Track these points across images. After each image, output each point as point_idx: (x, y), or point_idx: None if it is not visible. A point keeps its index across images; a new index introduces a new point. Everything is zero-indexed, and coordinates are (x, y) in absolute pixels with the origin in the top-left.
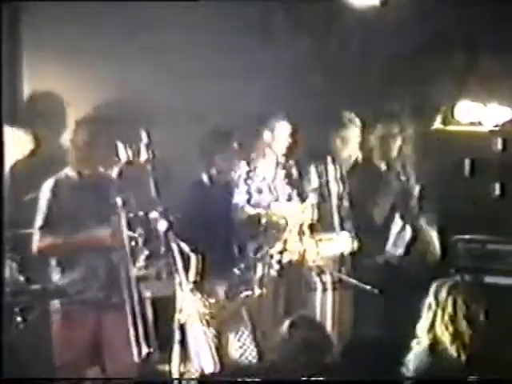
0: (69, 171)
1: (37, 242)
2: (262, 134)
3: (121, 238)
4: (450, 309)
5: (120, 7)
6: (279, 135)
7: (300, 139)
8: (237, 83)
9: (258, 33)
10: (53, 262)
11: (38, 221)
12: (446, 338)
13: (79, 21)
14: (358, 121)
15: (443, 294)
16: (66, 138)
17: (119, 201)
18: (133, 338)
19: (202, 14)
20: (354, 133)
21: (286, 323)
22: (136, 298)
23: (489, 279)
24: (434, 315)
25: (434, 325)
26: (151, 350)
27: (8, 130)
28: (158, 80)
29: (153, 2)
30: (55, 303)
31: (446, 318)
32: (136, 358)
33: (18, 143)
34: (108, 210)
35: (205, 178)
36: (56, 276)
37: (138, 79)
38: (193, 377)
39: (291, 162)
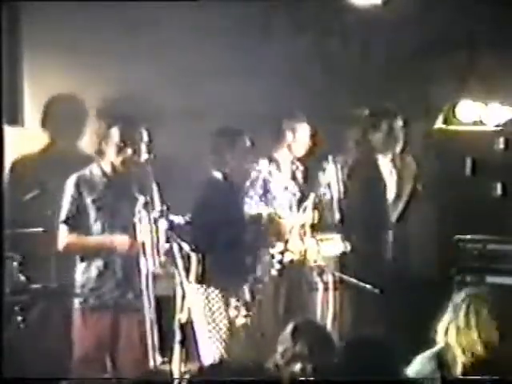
0: (93, 168)
1: (63, 238)
2: (276, 135)
3: (137, 246)
4: (462, 318)
5: (121, 6)
6: (299, 137)
7: (319, 141)
8: (238, 82)
9: (259, 32)
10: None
11: (62, 216)
12: (457, 346)
13: (80, 20)
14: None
15: (460, 301)
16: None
17: (141, 199)
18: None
19: (202, 14)
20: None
21: (289, 327)
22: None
23: (491, 279)
24: (450, 321)
25: (447, 330)
26: (165, 359)
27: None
28: (159, 79)
29: (153, 2)
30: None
31: (461, 325)
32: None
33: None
34: (129, 208)
35: (212, 177)
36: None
37: (139, 79)
38: (193, 373)
39: (297, 162)
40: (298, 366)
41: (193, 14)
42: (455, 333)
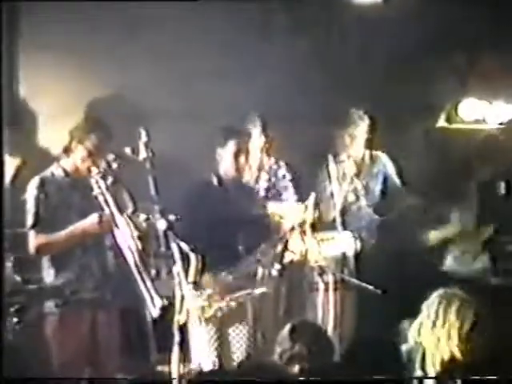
0: (54, 169)
1: (33, 241)
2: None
3: (108, 222)
4: (432, 316)
5: (120, 6)
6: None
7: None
8: (236, 83)
9: (259, 32)
10: (46, 263)
11: (29, 220)
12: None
13: (78, 21)
14: (366, 118)
15: (432, 301)
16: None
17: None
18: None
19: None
20: (361, 131)
21: (287, 328)
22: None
23: None
24: (422, 320)
25: (419, 329)
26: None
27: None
28: (157, 80)
29: (153, 3)
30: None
31: (429, 324)
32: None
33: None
34: (94, 205)
35: (211, 177)
36: (50, 277)
37: (138, 79)
38: (192, 376)
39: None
40: (296, 367)
41: (192, 14)
42: (425, 331)
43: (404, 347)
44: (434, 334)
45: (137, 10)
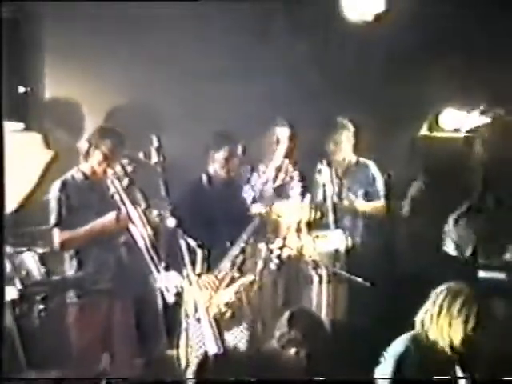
0: (74, 173)
1: (57, 237)
2: (265, 136)
3: (124, 220)
4: (437, 307)
5: (135, 17)
6: (281, 139)
7: (296, 143)
8: (236, 85)
9: (258, 34)
10: (68, 257)
11: (52, 219)
12: (430, 331)
13: (97, 30)
14: (350, 125)
15: (439, 293)
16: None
17: (124, 196)
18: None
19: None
20: (346, 137)
21: (286, 315)
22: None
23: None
24: (427, 310)
25: (424, 318)
26: (179, 288)
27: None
28: (164, 85)
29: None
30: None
31: (434, 314)
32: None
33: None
34: (111, 205)
35: (207, 177)
36: (71, 270)
37: (143, 83)
38: (196, 362)
39: (292, 163)
40: (293, 350)
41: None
42: (429, 320)
43: (409, 334)
44: (438, 323)
45: (137, 11)
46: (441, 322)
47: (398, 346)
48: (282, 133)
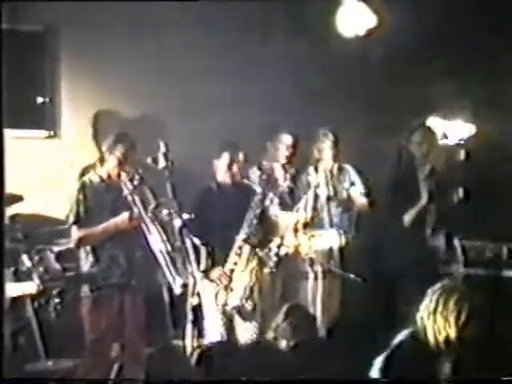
0: (91, 176)
1: (75, 235)
2: (268, 140)
3: (138, 220)
4: (433, 304)
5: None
6: (282, 145)
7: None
8: (238, 87)
9: (259, 33)
10: (82, 254)
11: (71, 218)
12: (427, 328)
13: (108, 39)
14: (331, 135)
15: (435, 290)
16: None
17: (136, 197)
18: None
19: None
20: (326, 146)
21: (284, 308)
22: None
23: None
24: (424, 307)
25: (422, 314)
26: (186, 280)
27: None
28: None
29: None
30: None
31: (431, 310)
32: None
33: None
34: (124, 206)
35: (214, 183)
36: (86, 266)
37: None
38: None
39: (291, 168)
40: (284, 342)
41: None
42: (426, 316)
43: (408, 330)
44: (434, 318)
45: (145, 16)
46: (437, 317)
47: (395, 341)
48: (286, 139)
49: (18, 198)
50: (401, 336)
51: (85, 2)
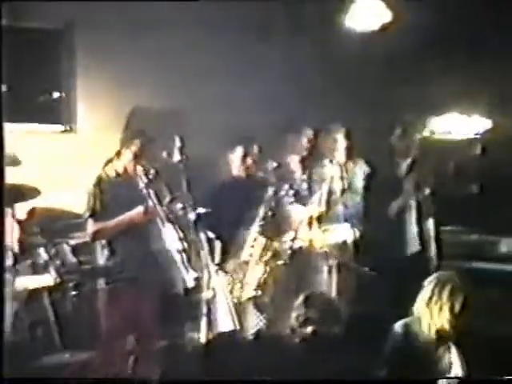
0: (108, 170)
1: (90, 228)
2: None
3: (152, 213)
4: (428, 295)
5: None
6: (302, 138)
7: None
8: (238, 84)
9: (258, 33)
10: (98, 247)
11: (87, 211)
12: (422, 317)
13: (121, 37)
14: (343, 129)
15: (429, 282)
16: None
17: (151, 191)
18: None
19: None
20: (339, 140)
21: (301, 297)
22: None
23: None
24: (421, 298)
25: (418, 305)
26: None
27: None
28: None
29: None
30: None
31: (426, 301)
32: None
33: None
34: (139, 199)
35: (229, 177)
36: (101, 260)
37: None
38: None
39: (307, 161)
40: (309, 329)
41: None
42: (422, 304)
43: (403, 320)
44: (429, 308)
45: (157, 15)
46: (432, 307)
47: (392, 332)
48: (307, 132)
49: (35, 192)
50: (397, 327)
51: (98, 2)
